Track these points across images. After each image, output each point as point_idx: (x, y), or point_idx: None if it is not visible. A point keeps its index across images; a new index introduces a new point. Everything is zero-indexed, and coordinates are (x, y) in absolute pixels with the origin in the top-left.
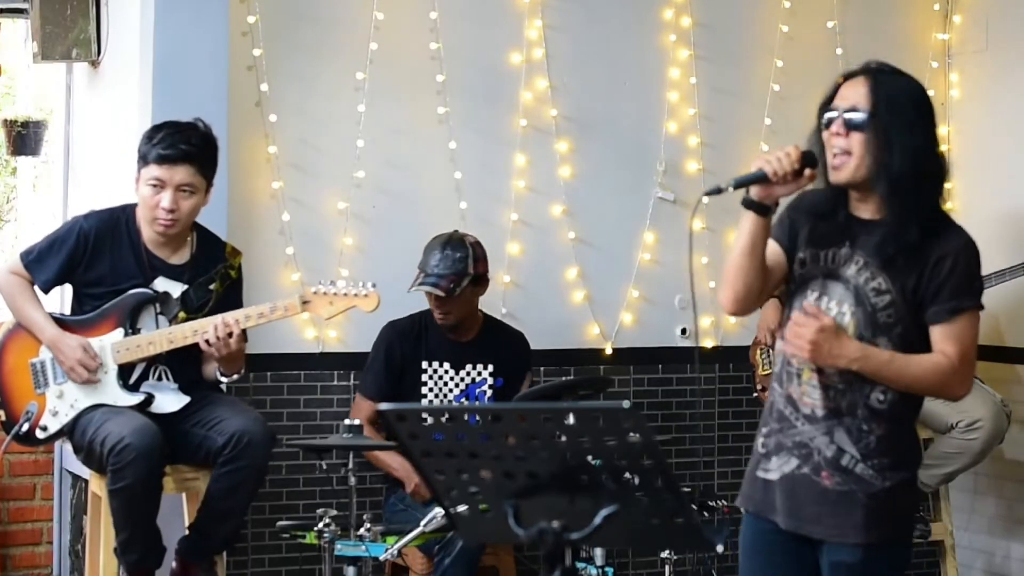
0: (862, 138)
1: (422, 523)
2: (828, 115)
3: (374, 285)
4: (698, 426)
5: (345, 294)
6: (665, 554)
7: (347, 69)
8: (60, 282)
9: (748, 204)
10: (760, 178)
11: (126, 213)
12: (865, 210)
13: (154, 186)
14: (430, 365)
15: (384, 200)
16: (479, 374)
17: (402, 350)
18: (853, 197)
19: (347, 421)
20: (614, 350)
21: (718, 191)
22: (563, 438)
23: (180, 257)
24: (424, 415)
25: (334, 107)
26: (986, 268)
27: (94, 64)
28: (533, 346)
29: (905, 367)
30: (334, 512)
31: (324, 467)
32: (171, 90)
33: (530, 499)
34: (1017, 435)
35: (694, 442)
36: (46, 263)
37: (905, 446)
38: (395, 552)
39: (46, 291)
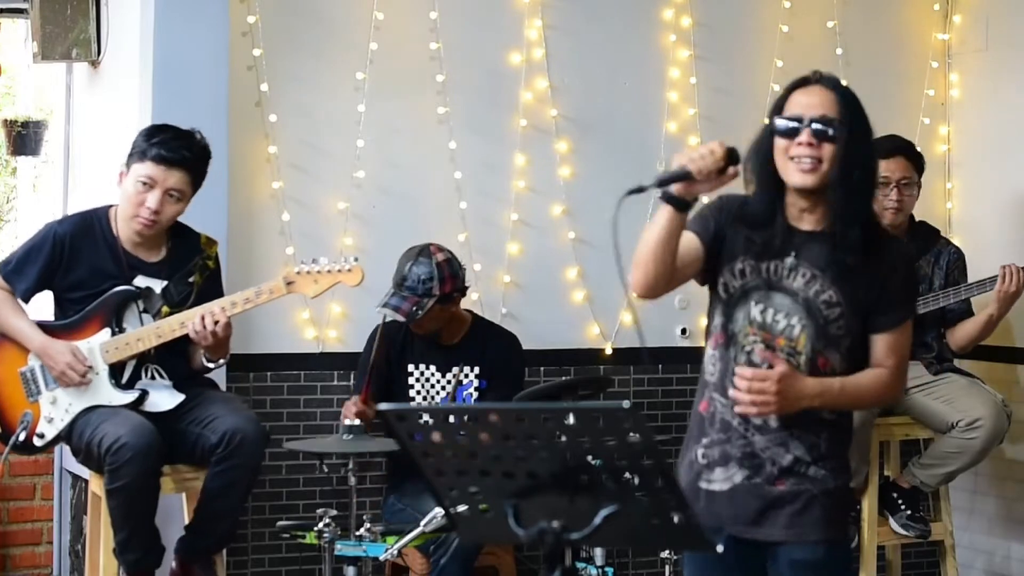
0: (833, 149)
1: (422, 523)
2: (789, 124)
3: (356, 259)
4: None
5: (329, 271)
6: (665, 554)
7: (347, 69)
8: (40, 289)
9: (668, 199)
10: (683, 176)
11: (98, 215)
12: (808, 221)
13: (144, 184)
14: (416, 367)
15: (384, 200)
16: (466, 376)
17: (388, 352)
18: (796, 207)
19: (347, 421)
20: (614, 350)
21: (640, 190)
22: (563, 438)
23: (157, 255)
24: (422, 415)
25: (334, 107)
26: (986, 269)
27: (94, 64)
28: (532, 346)
29: (857, 389)
30: (334, 512)
31: (325, 468)
32: (171, 90)
33: (530, 499)
34: (1017, 435)
35: None
36: (24, 272)
37: (845, 449)
38: (395, 552)
39: (26, 300)
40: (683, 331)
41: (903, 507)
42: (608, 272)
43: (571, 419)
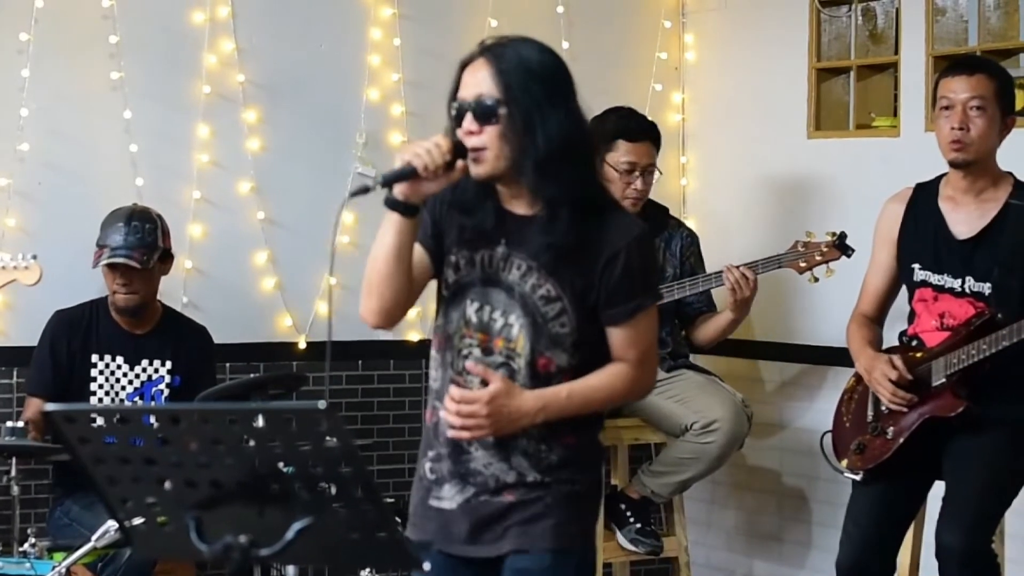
0: (496, 130)
1: (93, 538)
2: (456, 109)
3: (35, 257)
4: (403, 429)
5: (3, 267)
6: (366, 572)
7: (8, 29)
8: None
9: (393, 204)
10: (410, 173)
11: None
12: (519, 204)
13: None
14: (101, 359)
15: (51, 176)
16: (156, 371)
17: (69, 342)
18: (503, 191)
19: (9, 423)
20: (309, 344)
21: (366, 190)
22: (251, 442)
23: None
24: (94, 416)
25: None
26: (725, 253)
27: None
28: (218, 340)
29: (588, 391)
30: None
31: None
32: None
33: (215, 511)
34: (759, 439)
35: (398, 447)
36: None
37: (588, 448)
38: (63, 570)
39: None
40: None
41: (632, 520)
42: (302, 257)
43: (260, 421)
